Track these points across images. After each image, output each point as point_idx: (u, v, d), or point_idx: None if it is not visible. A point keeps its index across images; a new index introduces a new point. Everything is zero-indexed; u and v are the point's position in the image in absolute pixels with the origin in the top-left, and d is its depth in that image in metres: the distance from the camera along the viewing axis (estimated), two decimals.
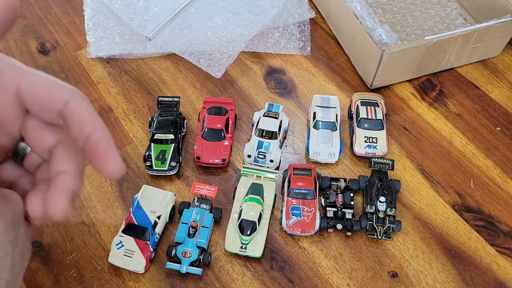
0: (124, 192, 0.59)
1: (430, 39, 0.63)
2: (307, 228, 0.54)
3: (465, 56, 0.70)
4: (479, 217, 0.57)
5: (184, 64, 0.72)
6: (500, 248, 0.55)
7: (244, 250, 0.53)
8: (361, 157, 0.62)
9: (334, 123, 0.62)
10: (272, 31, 0.75)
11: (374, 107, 0.63)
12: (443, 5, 0.78)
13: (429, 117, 0.66)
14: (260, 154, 0.60)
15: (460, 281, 0.52)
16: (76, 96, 0.30)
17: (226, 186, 0.60)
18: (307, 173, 0.57)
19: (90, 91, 0.69)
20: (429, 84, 0.70)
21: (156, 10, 0.74)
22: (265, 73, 0.72)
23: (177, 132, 0.61)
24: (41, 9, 0.80)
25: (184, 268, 0.51)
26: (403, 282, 0.52)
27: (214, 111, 0.63)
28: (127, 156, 0.62)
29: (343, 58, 0.74)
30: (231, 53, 0.69)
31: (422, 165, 0.62)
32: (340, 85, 0.70)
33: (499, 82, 0.71)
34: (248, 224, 0.53)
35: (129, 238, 0.52)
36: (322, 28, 0.78)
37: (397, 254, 0.54)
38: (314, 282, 0.52)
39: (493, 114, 0.67)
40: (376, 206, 0.55)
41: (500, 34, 0.69)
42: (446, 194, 0.59)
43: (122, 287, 0.51)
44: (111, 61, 0.73)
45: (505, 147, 0.64)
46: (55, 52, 0.74)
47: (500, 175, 0.61)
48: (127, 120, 0.66)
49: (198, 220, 0.54)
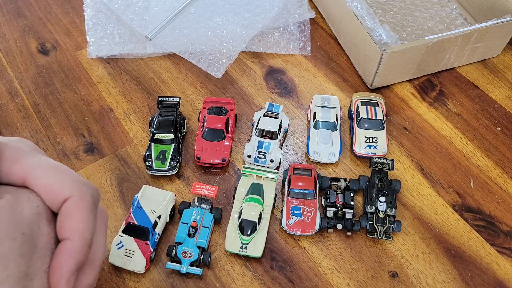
0: (124, 192, 0.59)
1: (430, 39, 0.63)
2: (307, 228, 0.54)
3: (465, 56, 0.70)
4: (479, 217, 0.57)
5: (184, 64, 0.72)
6: (500, 248, 0.55)
7: (244, 250, 0.53)
8: (361, 157, 0.62)
9: (334, 123, 0.62)
10: (272, 31, 0.75)
11: (374, 107, 0.63)
12: (443, 5, 0.78)
13: (429, 117, 0.66)
14: (260, 154, 0.60)
15: (460, 281, 0.52)
16: (75, 197, 0.30)
17: (226, 186, 0.60)
18: (307, 173, 0.57)
19: (90, 91, 0.69)
20: (429, 84, 0.70)
21: (156, 10, 0.74)
22: (265, 73, 0.72)
23: (177, 132, 0.61)
24: (41, 9, 0.80)
25: (184, 268, 0.51)
26: (403, 282, 0.52)
27: (214, 111, 0.63)
28: (127, 156, 0.62)
29: (343, 58, 0.74)
30: (231, 53, 0.69)
31: (422, 165, 0.62)
32: (340, 85, 0.70)
33: (499, 82, 0.71)
34: (248, 224, 0.53)
35: (129, 238, 0.52)
36: (322, 28, 0.78)
37: (397, 254, 0.54)
38: (314, 282, 0.52)
39: (493, 114, 0.67)
40: (376, 206, 0.55)
41: (500, 34, 0.69)
42: (446, 194, 0.59)
43: (122, 287, 0.51)
44: (111, 61, 0.73)
45: (505, 147, 0.64)
46: (55, 52, 0.74)
47: (500, 175, 0.61)
48: (127, 120, 0.66)
49: (198, 220, 0.54)
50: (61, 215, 0.30)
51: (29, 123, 0.65)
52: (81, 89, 0.69)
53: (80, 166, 0.61)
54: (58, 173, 0.31)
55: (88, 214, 0.31)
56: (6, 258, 0.27)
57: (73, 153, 0.63)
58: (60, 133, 0.64)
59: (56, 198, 0.30)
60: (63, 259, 0.29)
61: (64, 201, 0.30)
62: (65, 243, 0.30)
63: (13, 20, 0.78)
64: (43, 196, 0.30)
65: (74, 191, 0.30)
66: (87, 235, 0.30)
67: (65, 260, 0.29)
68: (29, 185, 0.30)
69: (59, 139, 0.64)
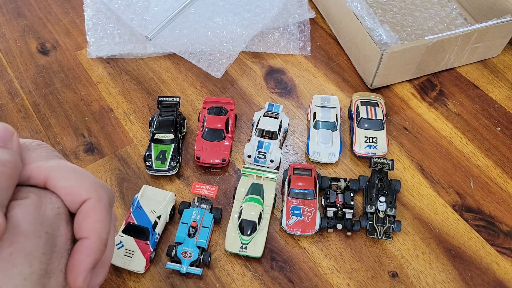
0: (124, 192, 0.59)
1: (430, 39, 0.63)
2: (307, 228, 0.54)
3: (465, 56, 0.70)
4: (479, 217, 0.57)
5: (184, 64, 0.72)
6: (500, 248, 0.55)
7: (244, 250, 0.53)
8: (361, 157, 0.62)
9: (334, 123, 0.62)
10: (272, 31, 0.75)
11: (374, 107, 0.63)
12: (443, 5, 0.78)
13: (429, 117, 0.66)
14: (260, 154, 0.60)
15: (460, 281, 0.52)
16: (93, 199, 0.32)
17: (226, 186, 0.60)
18: (307, 173, 0.57)
19: (90, 91, 0.69)
20: (429, 84, 0.70)
21: (156, 10, 0.74)
22: (265, 73, 0.72)
23: (177, 132, 0.61)
24: (41, 9, 0.80)
25: (184, 268, 0.51)
26: (403, 282, 0.52)
27: (214, 111, 0.63)
28: (127, 156, 0.62)
29: (343, 58, 0.74)
30: (231, 53, 0.69)
31: (422, 165, 0.62)
32: (340, 85, 0.70)
33: (499, 82, 0.71)
34: (248, 224, 0.53)
35: (129, 238, 0.52)
36: (322, 28, 0.78)
37: (397, 254, 0.54)
38: (314, 282, 0.52)
39: (493, 114, 0.67)
40: (376, 206, 0.55)
41: (500, 34, 0.69)
42: (446, 194, 0.59)
43: (122, 287, 0.51)
44: (111, 61, 0.73)
45: (505, 147, 0.64)
46: (55, 52, 0.74)
47: (500, 175, 0.61)
48: (127, 120, 0.66)
49: (198, 220, 0.54)
50: (79, 215, 0.31)
51: (29, 123, 0.65)
52: (81, 89, 0.69)
53: (80, 166, 0.61)
54: (77, 176, 0.32)
55: (105, 215, 0.32)
56: (31, 255, 0.28)
57: (73, 153, 0.63)
58: (60, 133, 0.64)
59: (75, 199, 0.32)
60: (81, 257, 0.31)
61: (82, 202, 0.31)
62: (83, 242, 0.31)
63: (13, 20, 0.78)
64: (63, 197, 0.32)
65: (92, 193, 0.32)
66: (104, 235, 0.32)
67: (83, 258, 0.31)
68: (50, 186, 0.32)
69: (59, 139, 0.64)
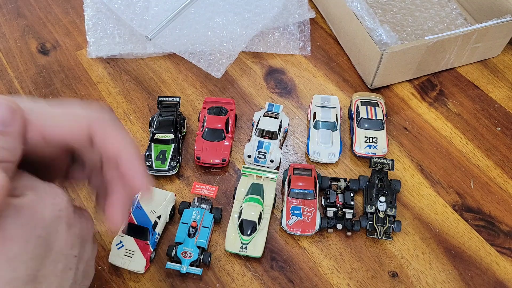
0: None
1: (430, 39, 0.63)
2: (307, 228, 0.54)
3: (465, 56, 0.70)
4: (479, 217, 0.57)
5: (184, 64, 0.72)
6: (500, 248, 0.55)
7: (244, 250, 0.53)
8: (361, 157, 0.62)
9: (334, 123, 0.62)
10: (272, 31, 0.75)
11: (374, 107, 0.63)
12: (443, 5, 0.78)
13: (429, 117, 0.66)
14: (260, 154, 0.60)
15: (460, 281, 0.52)
16: (96, 120, 0.30)
17: (226, 186, 0.60)
18: (307, 173, 0.57)
19: (90, 91, 0.69)
20: (429, 84, 0.70)
21: (156, 10, 0.74)
22: (265, 73, 0.72)
23: (177, 132, 0.61)
24: (41, 9, 0.80)
25: (184, 268, 0.51)
26: (403, 282, 0.52)
27: (214, 111, 0.63)
28: None
29: (343, 58, 0.74)
30: (231, 53, 0.69)
31: (422, 165, 0.62)
32: (340, 85, 0.70)
33: (499, 82, 0.71)
34: (248, 224, 0.53)
35: (129, 238, 0.52)
36: (322, 28, 0.78)
37: (397, 254, 0.54)
38: (314, 282, 0.52)
39: (493, 114, 0.67)
40: (376, 206, 0.55)
41: (500, 34, 0.69)
42: (446, 194, 0.59)
43: (122, 287, 0.51)
44: (111, 61, 0.73)
45: (505, 147, 0.64)
46: (55, 52, 0.74)
47: (500, 175, 0.61)
48: (127, 120, 0.66)
49: (198, 220, 0.54)
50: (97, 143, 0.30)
51: None
52: (81, 89, 0.69)
53: None
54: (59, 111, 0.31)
55: (121, 128, 0.31)
56: (16, 259, 0.26)
57: None
58: None
59: (74, 133, 0.30)
60: (131, 164, 0.30)
61: (87, 134, 0.30)
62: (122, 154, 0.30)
63: (13, 20, 0.78)
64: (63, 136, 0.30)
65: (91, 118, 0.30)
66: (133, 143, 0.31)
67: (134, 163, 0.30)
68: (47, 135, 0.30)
69: None
